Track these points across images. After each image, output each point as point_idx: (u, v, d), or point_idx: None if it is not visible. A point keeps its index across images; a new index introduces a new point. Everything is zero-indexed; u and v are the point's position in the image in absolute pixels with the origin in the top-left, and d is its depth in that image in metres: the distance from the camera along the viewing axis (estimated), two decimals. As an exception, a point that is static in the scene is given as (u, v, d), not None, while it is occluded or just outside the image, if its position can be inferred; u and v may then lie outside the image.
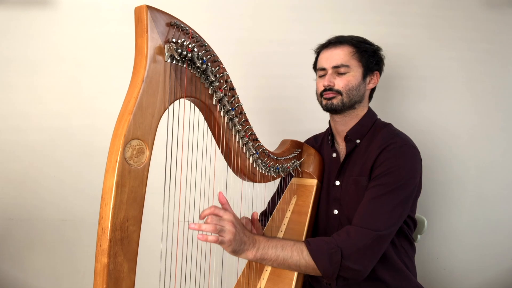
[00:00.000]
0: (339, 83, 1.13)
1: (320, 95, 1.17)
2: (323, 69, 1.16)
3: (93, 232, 0.65)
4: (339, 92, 1.13)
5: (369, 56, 1.14)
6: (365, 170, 1.10)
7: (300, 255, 0.94)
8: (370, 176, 1.08)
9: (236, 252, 0.89)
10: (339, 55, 1.13)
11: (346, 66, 1.12)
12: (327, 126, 1.32)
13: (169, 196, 0.76)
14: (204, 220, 0.86)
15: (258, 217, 1.12)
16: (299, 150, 1.23)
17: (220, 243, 0.85)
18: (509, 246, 1.61)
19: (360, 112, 1.18)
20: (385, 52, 1.21)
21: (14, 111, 1.58)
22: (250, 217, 1.08)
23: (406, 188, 1.03)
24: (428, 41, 1.61)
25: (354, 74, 1.13)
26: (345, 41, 1.14)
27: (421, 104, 1.62)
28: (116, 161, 0.64)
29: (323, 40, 1.20)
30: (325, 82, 1.14)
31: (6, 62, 1.57)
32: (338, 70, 1.13)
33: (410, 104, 1.62)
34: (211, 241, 0.83)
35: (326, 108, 1.16)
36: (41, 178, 1.59)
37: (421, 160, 1.10)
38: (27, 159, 1.58)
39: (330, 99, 1.14)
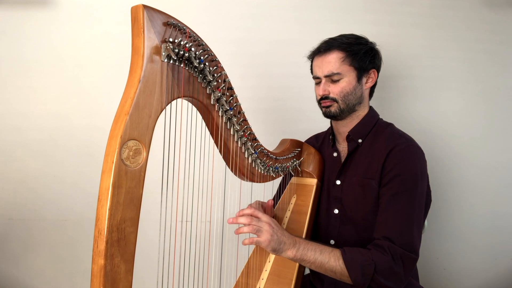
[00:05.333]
0: (334, 91, 1.12)
1: (319, 103, 1.18)
2: (317, 77, 1.15)
3: (93, 232, 0.65)
4: (334, 100, 1.13)
5: (361, 57, 1.12)
6: (372, 172, 1.09)
7: (337, 261, 0.97)
8: (381, 181, 1.07)
9: (276, 251, 0.94)
10: (329, 63, 1.11)
11: (338, 73, 1.11)
12: (327, 126, 1.31)
13: (166, 197, 0.75)
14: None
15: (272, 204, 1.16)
16: (299, 149, 1.23)
17: (257, 242, 0.91)
18: (509, 246, 1.61)
19: (361, 112, 1.17)
20: (384, 52, 1.19)
21: (13, 111, 1.58)
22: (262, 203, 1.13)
23: (421, 193, 1.05)
24: (427, 41, 1.60)
25: (348, 79, 1.11)
26: (334, 46, 1.12)
27: (420, 104, 1.61)
28: (113, 162, 0.63)
29: (322, 39, 1.18)
30: (319, 91, 1.14)
31: (5, 62, 1.57)
32: (330, 78, 1.12)
33: (409, 104, 1.62)
34: (248, 243, 0.90)
35: (326, 116, 1.17)
36: (41, 178, 1.59)
37: (426, 161, 1.11)
38: (27, 159, 1.58)
39: (327, 107, 1.14)
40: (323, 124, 1.32)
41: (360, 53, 1.12)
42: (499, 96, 1.61)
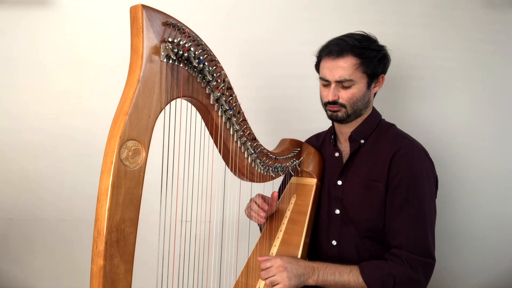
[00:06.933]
0: (343, 96, 1.08)
1: (325, 105, 1.14)
2: (326, 80, 1.11)
3: (93, 233, 0.65)
4: (343, 106, 1.09)
5: (375, 65, 1.08)
6: (376, 174, 1.08)
7: (356, 281, 1.00)
8: (387, 184, 1.07)
9: (299, 285, 0.98)
10: (342, 69, 1.06)
11: (350, 80, 1.06)
12: (327, 126, 1.31)
13: (166, 197, 0.75)
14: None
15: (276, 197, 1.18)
16: (299, 149, 1.23)
17: None
18: (509, 246, 1.61)
19: (365, 114, 1.16)
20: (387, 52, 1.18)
21: (13, 111, 1.57)
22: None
23: (431, 194, 1.06)
24: (428, 41, 1.59)
25: (359, 86, 1.08)
26: (347, 49, 1.06)
27: (421, 104, 1.61)
28: (112, 162, 0.63)
29: (323, 40, 1.15)
30: (329, 96, 1.09)
31: (4, 62, 1.56)
32: (341, 83, 1.08)
33: (410, 104, 1.61)
34: None
35: (331, 119, 1.15)
36: (41, 178, 1.59)
37: (431, 160, 1.11)
38: (27, 159, 1.58)
39: (334, 111, 1.11)
40: (323, 124, 1.32)
41: (374, 61, 1.08)
42: (502, 96, 1.60)
